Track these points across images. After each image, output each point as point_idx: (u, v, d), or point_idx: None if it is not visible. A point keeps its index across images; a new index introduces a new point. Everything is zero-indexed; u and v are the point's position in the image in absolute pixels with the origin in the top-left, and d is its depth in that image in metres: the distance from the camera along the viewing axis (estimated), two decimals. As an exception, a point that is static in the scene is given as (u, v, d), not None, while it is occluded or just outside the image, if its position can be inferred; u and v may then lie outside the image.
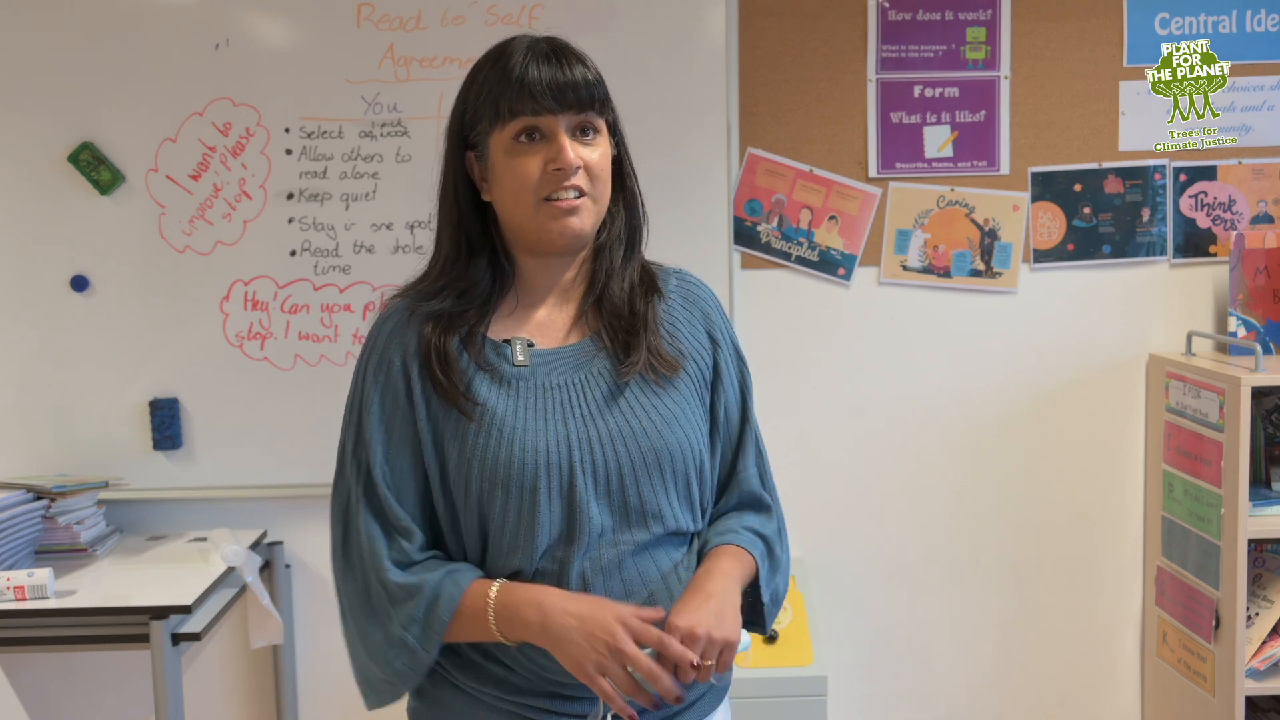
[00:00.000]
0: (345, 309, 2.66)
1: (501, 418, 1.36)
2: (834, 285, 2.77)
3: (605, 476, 1.37)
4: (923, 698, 2.89)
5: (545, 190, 1.36)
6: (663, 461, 1.39)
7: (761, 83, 2.71)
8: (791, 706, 2.40)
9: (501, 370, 1.39)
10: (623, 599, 1.36)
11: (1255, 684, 2.48)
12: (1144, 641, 2.87)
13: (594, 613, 1.29)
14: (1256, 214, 2.76)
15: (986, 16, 2.71)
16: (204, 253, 2.64)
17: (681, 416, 1.42)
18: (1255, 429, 2.55)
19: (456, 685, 1.41)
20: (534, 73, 1.34)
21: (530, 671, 1.37)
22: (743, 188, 2.73)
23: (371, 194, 2.64)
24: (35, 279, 2.63)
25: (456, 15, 2.60)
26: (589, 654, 1.28)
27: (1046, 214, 2.75)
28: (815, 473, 2.81)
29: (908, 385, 2.80)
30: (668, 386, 1.42)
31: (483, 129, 1.38)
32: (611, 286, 1.44)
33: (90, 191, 2.61)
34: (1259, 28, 2.73)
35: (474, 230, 1.42)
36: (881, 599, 2.85)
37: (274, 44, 2.60)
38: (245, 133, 2.61)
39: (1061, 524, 2.85)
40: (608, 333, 1.43)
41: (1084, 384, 2.81)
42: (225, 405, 2.66)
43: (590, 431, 1.37)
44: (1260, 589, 2.59)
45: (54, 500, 2.47)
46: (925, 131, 2.73)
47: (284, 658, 2.76)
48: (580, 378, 1.40)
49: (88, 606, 2.23)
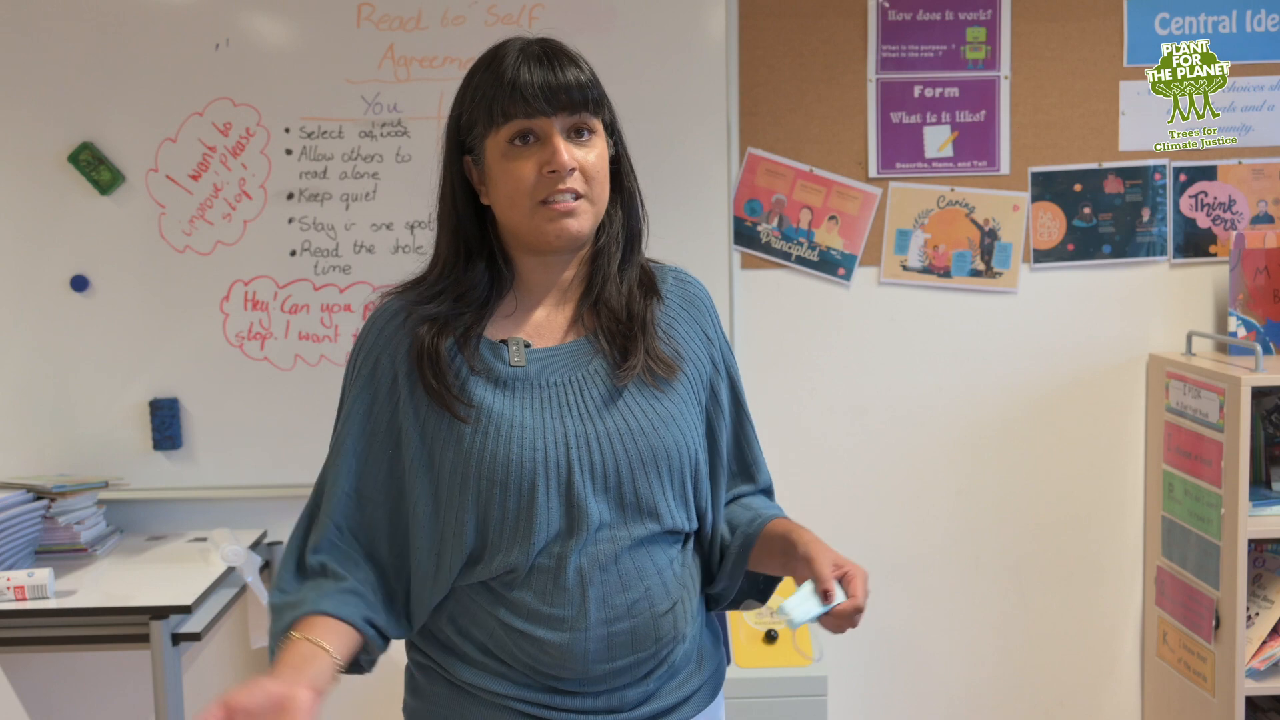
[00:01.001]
0: (345, 309, 2.66)
1: (499, 416, 1.36)
2: (834, 285, 2.77)
3: (603, 474, 1.37)
4: (923, 698, 2.89)
5: (541, 193, 1.36)
6: (659, 460, 1.39)
7: (761, 83, 2.71)
8: (791, 706, 2.40)
9: (498, 370, 1.39)
10: (619, 593, 1.37)
11: (1255, 684, 2.48)
12: (1144, 641, 2.87)
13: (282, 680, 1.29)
14: (1256, 214, 2.76)
15: (986, 16, 2.71)
16: (204, 253, 2.64)
17: (678, 416, 1.42)
18: (1255, 429, 2.55)
19: (453, 682, 1.41)
20: (526, 75, 1.35)
21: (527, 667, 1.37)
22: (743, 188, 2.73)
23: (371, 194, 2.64)
24: (35, 279, 2.63)
25: (456, 15, 2.60)
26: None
27: (1046, 214, 2.75)
28: (815, 472, 2.81)
29: (908, 385, 2.80)
30: (664, 387, 1.43)
31: (478, 133, 1.39)
32: (609, 290, 1.44)
33: (90, 191, 2.61)
34: (1259, 28, 2.73)
35: (472, 233, 1.43)
36: (881, 599, 2.85)
37: (274, 44, 2.60)
38: (245, 133, 2.61)
39: (1061, 524, 2.85)
40: (605, 335, 1.43)
41: (1084, 384, 2.81)
42: (225, 405, 2.66)
43: (588, 429, 1.38)
44: (1260, 589, 2.59)
45: (54, 500, 2.47)
46: (925, 131, 2.73)
47: (284, 658, 2.76)
48: (577, 376, 1.41)
49: (88, 606, 2.23)
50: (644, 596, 1.38)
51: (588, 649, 1.35)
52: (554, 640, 1.35)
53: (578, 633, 1.35)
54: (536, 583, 1.36)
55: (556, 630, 1.35)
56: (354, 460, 1.42)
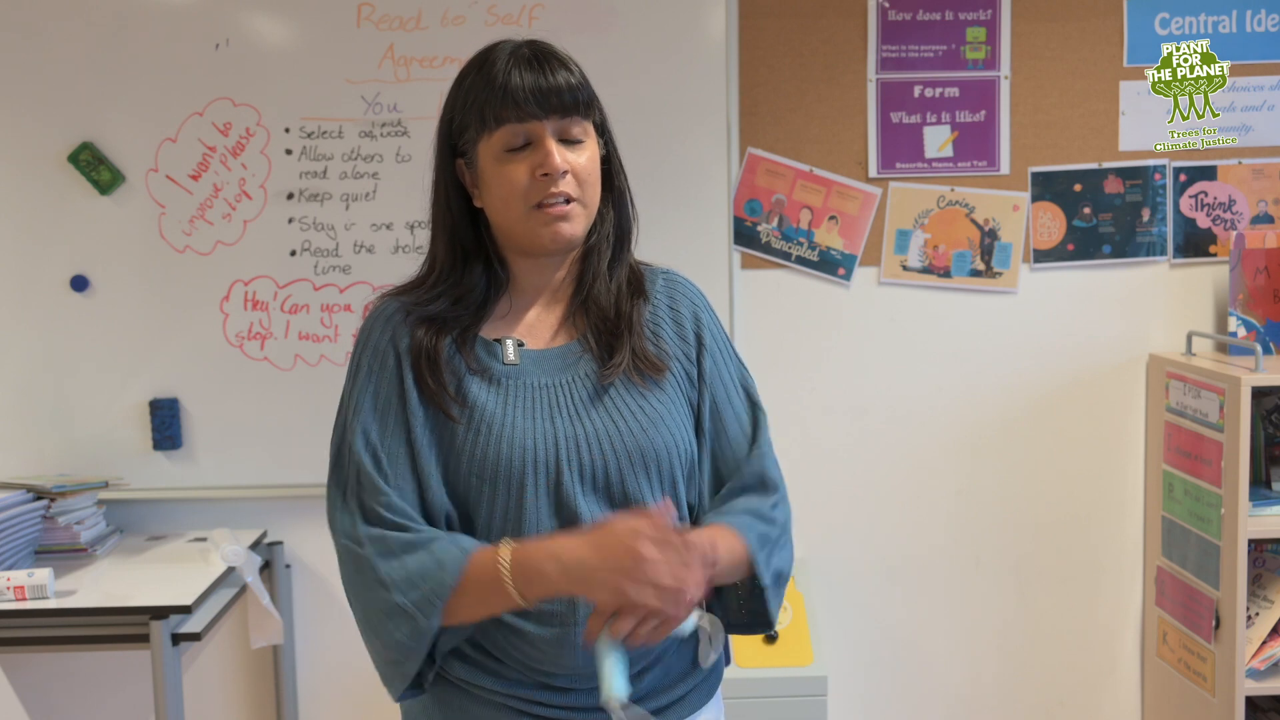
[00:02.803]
0: (345, 309, 2.66)
1: (490, 414, 1.37)
2: (834, 285, 2.77)
3: (592, 474, 1.38)
4: (923, 698, 2.89)
5: (534, 197, 1.37)
6: (648, 460, 1.40)
7: (761, 83, 2.71)
8: (791, 706, 2.40)
9: (492, 369, 1.41)
10: None
11: (1255, 684, 2.48)
12: (1144, 641, 2.87)
13: (608, 541, 1.26)
14: (1256, 214, 2.76)
15: (986, 16, 2.71)
16: (204, 253, 2.64)
17: (667, 416, 1.43)
18: (1255, 429, 2.55)
19: (448, 679, 1.42)
20: (517, 79, 1.36)
21: (521, 664, 1.38)
22: (743, 188, 2.73)
23: (371, 194, 2.64)
24: (35, 279, 2.63)
25: (456, 15, 2.60)
26: (626, 583, 1.24)
27: (1046, 214, 2.75)
28: (815, 472, 2.81)
29: (908, 385, 2.80)
30: (653, 387, 1.43)
31: (470, 137, 1.40)
32: (598, 288, 1.46)
33: (90, 191, 2.61)
34: (1259, 28, 2.73)
35: (467, 236, 1.44)
36: (881, 599, 2.85)
37: (274, 44, 2.60)
38: (245, 133, 2.61)
39: (1061, 524, 2.85)
40: (594, 334, 1.44)
41: (1084, 384, 2.81)
42: (225, 405, 2.66)
43: (577, 430, 1.38)
44: (1260, 589, 2.59)
45: (54, 500, 2.47)
46: (925, 131, 2.73)
47: (284, 658, 2.76)
48: (567, 379, 1.42)
49: (88, 606, 2.23)
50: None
51: (577, 644, 1.35)
52: (545, 636, 1.36)
53: (568, 628, 1.36)
54: None
55: (547, 626, 1.36)
56: (377, 449, 1.38)
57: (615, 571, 1.24)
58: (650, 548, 1.25)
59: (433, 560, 1.31)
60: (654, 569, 1.24)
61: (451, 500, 1.38)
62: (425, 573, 1.30)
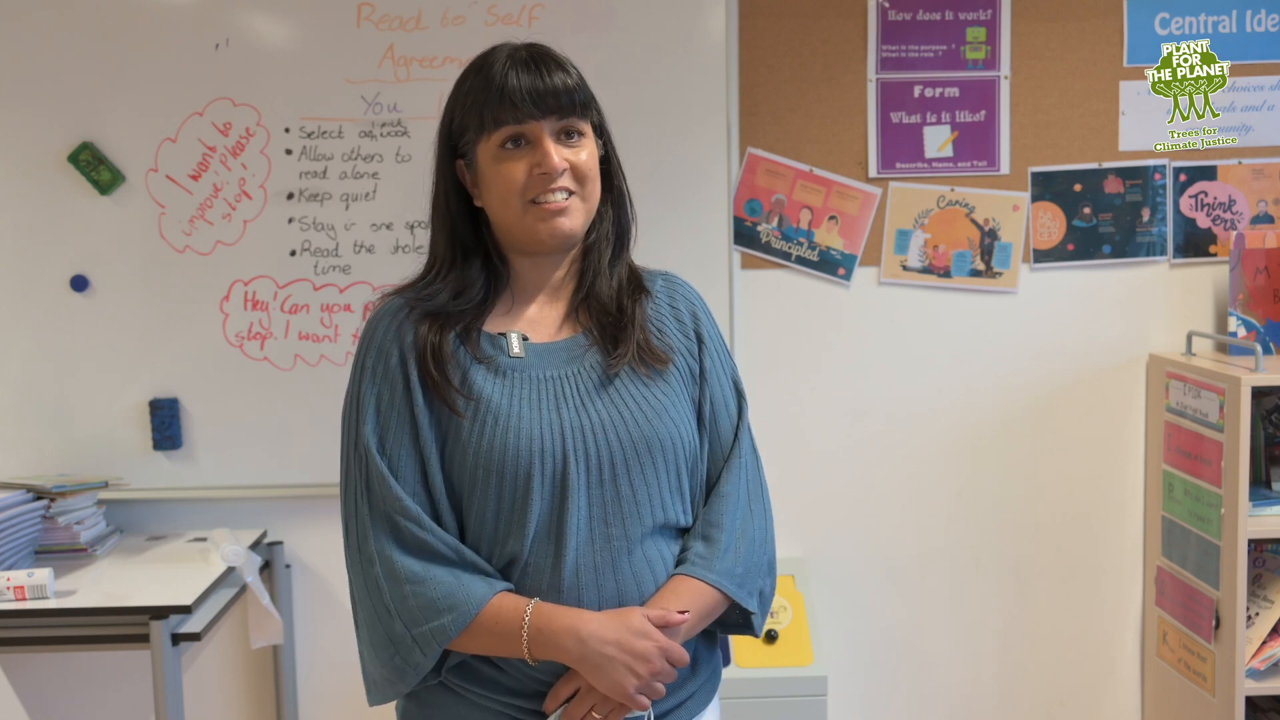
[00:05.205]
0: (345, 309, 2.66)
1: (497, 406, 1.38)
2: (834, 285, 2.77)
3: (598, 465, 1.38)
4: (923, 698, 2.89)
5: (532, 193, 1.40)
6: (654, 451, 1.41)
7: (761, 83, 2.71)
8: (791, 706, 2.40)
9: (498, 361, 1.42)
10: (614, 593, 1.38)
11: (1255, 684, 2.48)
12: (1144, 641, 2.87)
13: (630, 641, 1.33)
14: (1256, 214, 2.76)
15: (986, 16, 2.71)
16: (204, 253, 2.64)
17: (671, 408, 1.44)
18: (1255, 429, 2.55)
19: (446, 685, 1.42)
20: (515, 81, 1.38)
21: (519, 672, 1.39)
22: (743, 188, 2.73)
23: (371, 194, 2.64)
24: (35, 279, 2.63)
25: (456, 15, 2.60)
26: (631, 681, 1.33)
27: (1046, 214, 2.75)
28: (815, 473, 2.81)
29: (908, 385, 2.80)
30: (657, 379, 1.45)
31: (469, 138, 1.42)
32: (599, 284, 1.48)
33: (90, 191, 2.61)
34: (1259, 28, 2.73)
35: (467, 235, 1.46)
36: (881, 599, 2.85)
37: (274, 44, 2.60)
38: (245, 133, 2.61)
39: (1061, 524, 2.85)
40: (597, 328, 1.46)
41: (1084, 384, 2.81)
42: (225, 405, 2.66)
43: (583, 420, 1.39)
44: (1260, 589, 2.59)
45: (54, 500, 2.47)
46: (925, 131, 2.73)
47: (284, 658, 2.76)
48: (573, 370, 1.43)
49: (88, 606, 2.23)
50: (637, 593, 1.39)
51: None
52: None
53: None
54: (530, 582, 1.38)
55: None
56: (384, 453, 1.39)
57: (631, 677, 1.32)
58: (660, 659, 1.34)
59: (445, 596, 1.34)
60: (654, 673, 1.34)
61: (448, 494, 1.39)
62: (434, 608, 1.34)
